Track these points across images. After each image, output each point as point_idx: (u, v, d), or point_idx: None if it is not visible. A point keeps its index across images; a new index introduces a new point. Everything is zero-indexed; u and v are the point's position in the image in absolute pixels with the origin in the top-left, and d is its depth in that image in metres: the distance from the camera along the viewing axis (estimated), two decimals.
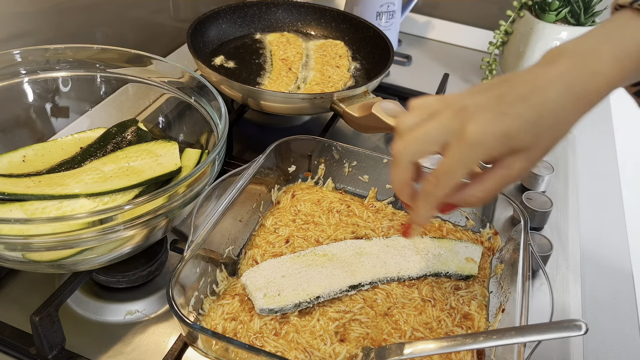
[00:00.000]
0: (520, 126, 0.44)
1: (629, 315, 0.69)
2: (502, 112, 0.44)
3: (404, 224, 0.52)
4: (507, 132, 0.44)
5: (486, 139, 0.44)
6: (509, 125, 0.44)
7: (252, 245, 0.64)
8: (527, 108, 0.44)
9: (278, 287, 0.56)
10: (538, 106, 0.44)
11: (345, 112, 0.80)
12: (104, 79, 0.73)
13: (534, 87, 0.45)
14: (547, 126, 0.45)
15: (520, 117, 0.44)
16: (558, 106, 0.45)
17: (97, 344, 0.58)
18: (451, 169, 0.46)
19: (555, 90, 0.45)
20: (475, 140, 0.44)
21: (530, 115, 0.44)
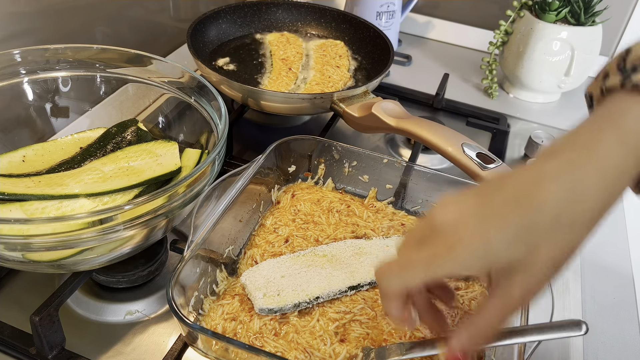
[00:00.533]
0: (509, 235, 0.36)
1: (629, 315, 0.69)
2: (486, 218, 0.37)
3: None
4: (490, 242, 0.36)
5: (463, 248, 0.37)
6: (494, 235, 0.37)
7: (252, 245, 0.64)
8: (517, 212, 0.37)
9: (277, 287, 0.56)
10: (531, 209, 0.36)
11: (345, 112, 0.80)
12: (103, 79, 0.73)
13: (527, 187, 0.37)
14: (544, 232, 0.36)
15: (508, 223, 0.37)
16: (557, 207, 0.36)
17: (97, 344, 0.58)
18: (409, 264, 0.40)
19: (554, 188, 0.37)
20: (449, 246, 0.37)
21: (521, 221, 0.36)
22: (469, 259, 0.37)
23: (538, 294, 0.39)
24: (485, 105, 1.08)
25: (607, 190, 0.37)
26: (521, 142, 0.98)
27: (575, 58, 1.02)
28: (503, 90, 1.16)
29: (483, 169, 0.68)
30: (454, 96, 1.08)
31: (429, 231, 0.39)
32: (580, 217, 0.37)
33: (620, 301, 0.70)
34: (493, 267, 0.38)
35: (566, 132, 0.39)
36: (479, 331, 0.40)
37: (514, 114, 1.07)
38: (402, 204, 0.72)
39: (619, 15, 1.17)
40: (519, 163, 0.93)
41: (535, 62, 1.05)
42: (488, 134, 0.98)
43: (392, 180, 0.72)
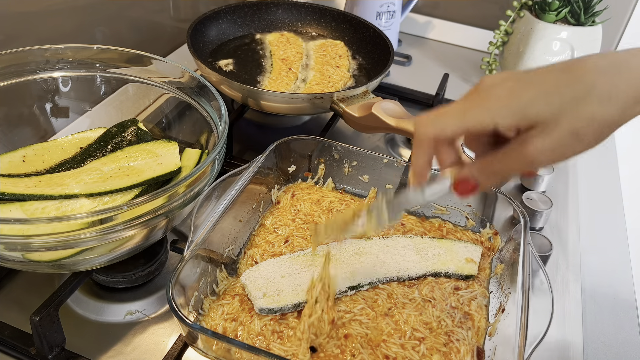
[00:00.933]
0: (539, 93, 0.39)
1: (629, 315, 0.69)
2: (522, 79, 0.40)
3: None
4: (518, 95, 0.39)
5: (494, 99, 0.40)
6: (521, 89, 0.39)
7: (252, 245, 0.64)
8: (553, 76, 0.39)
9: (277, 287, 0.56)
10: (568, 74, 0.39)
11: (345, 112, 0.80)
12: (104, 79, 0.74)
13: (571, 60, 0.40)
14: (574, 97, 0.38)
15: (541, 83, 0.39)
16: (595, 77, 0.38)
17: (97, 344, 0.58)
18: (445, 113, 0.43)
19: (598, 61, 0.38)
20: (483, 98, 0.40)
21: (555, 82, 0.39)
22: (499, 110, 0.40)
23: (550, 160, 0.40)
24: None
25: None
26: None
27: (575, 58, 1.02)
28: None
29: None
30: (454, 96, 1.08)
31: (473, 90, 0.43)
32: (616, 92, 0.38)
33: (620, 301, 0.70)
34: (520, 122, 0.39)
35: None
36: (489, 167, 0.43)
37: None
38: None
39: (619, 15, 1.17)
40: None
41: (535, 62, 1.05)
42: None
43: (392, 180, 0.72)
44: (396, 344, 0.53)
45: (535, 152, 0.40)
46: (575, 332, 0.65)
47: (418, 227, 0.68)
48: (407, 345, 0.53)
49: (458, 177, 0.45)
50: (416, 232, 0.67)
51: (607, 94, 0.38)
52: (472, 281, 0.62)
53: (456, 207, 0.70)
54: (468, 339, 0.55)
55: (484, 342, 0.56)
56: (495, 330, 0.56)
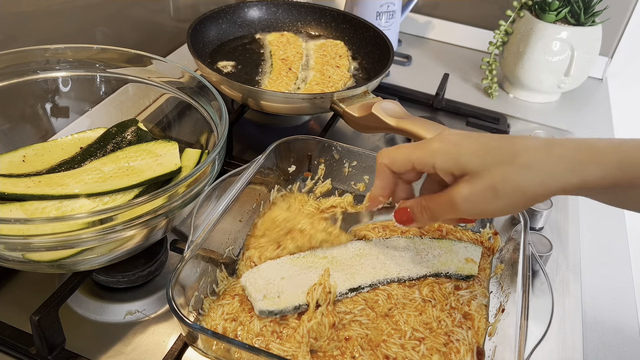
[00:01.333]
0: (475, 147, 0.46)
1: (629, 315, 0.69)
2: (468, 135, 0.48)
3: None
4: (458, 144, 0.47)
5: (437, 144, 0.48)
6: (464, 141, 0.47)
7: (249, 247, 0.64)
8: (493, 139, 0.46)
9: (278, 289, 0.56)
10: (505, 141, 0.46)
11: (345, 112, 0.80)
12: (104, 79, 0.74)
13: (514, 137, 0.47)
14: (501, 159, 0.45)
15: (481, 142, 0.47)
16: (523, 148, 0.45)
17: (97, 344, 0.58)
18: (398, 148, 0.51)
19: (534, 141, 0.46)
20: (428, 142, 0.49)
21: (491, 143, 0.46)
22: (439, 154, 0.48)
23: (472, 208, 0.47)
24: (485, 105, 1.08)
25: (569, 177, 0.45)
26: None
27: (575, 58, 1.03)
28: (503, 90, 1.16)
29: None
30: (453, 96, 1.08)
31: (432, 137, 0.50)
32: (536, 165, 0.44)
33: (620, 301, 0.70)
34: (453, 168, 0.47)
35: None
36: (423, 203, 0.52)
37: (514, 114, 1.07)
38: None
39: (619, 15, 1.17)
40: None
41: (535, 62, 1.05)
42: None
43: None
44: (396, 344, 0.53)
45: (459, 198, 0.46)
46: (575, 332, 0.64)
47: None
48: (407, 345, 0.53)
49: (399, 206, 0.54)
50: (414, 232, 0.67)
51: (527, 164, 0.44)
52: (472, 281, 0.62)
53: None
54: (468, 339, 0.55)
55: (483, 342, 0.56)
56: (495, 330, 0.56)
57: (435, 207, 0.50)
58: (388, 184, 0.53)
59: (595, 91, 1.21)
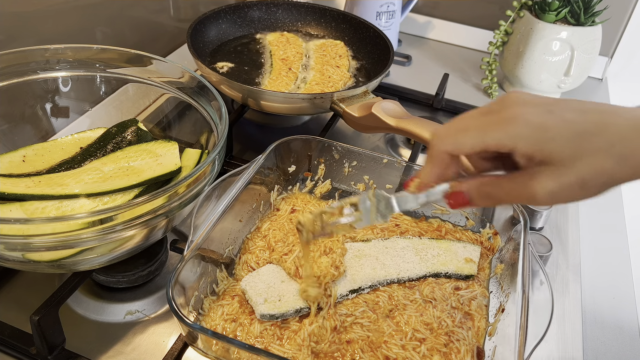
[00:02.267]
0: (564, 132, 0.39)
1: (629, 315, 0.69)
2: (553, 111, 0.39)
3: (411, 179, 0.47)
4: (545, 126, 0.39)
5: (520, 122, 0.39)
6: (550, 122, 0.39)
7: (246, 250, 0.64)
8: (583, 119, 0.39)
9: (278, 292, 0.56)
10: (596, 124, 0.39)
11: (345, 112, 0.80)
12: (104, 79, 0.73)
13: (603, 108, 0.40)
14: (594, 148, 0.38)
15: (569, 123, 0.39)
16: (619, 135, 0.38)
17: (97, 344, 0.58)
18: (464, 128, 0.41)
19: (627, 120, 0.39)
20: (508, 117, 0.39)
21: (579, 126, 0.39)
22: (520, 136, 0.39)
23: (550, 200, 0.40)
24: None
25: None
26: None
27: (575, 58, 1.03)
28: (503, 90, 1.16)
29: None
30: (453, 96, 1.08)
31: (498, 104, 0.42)
32: (632, 155, 0.38)
33: (620, 301, 0.70)
34: (537, 153, 0.39)
35: None
36: (487, 188, 0.43)
37: None
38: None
39: (618, 15, 1.17)
40: None
41: (535, 62, 1.05)
42: None
43: (392, 180, 0.72)
44: (397, 344, 0.53)
45: (540, 190, 0.40)
46: (575, 332, 0.64)
47: (414, 227, 0.68)
48: (407, 346, 0.53)
49: (454, 189, 0.45)
50: (413, 232, 0.67)
51: (624, 155, 0.38)
52: (472, 281, 0.62)
53: None
54: (468, 339, 0.55)
55: (484, 342, 0.56)
56: (495, 330, 0.56)
57: (504, 195, 0.42)
58: (444, 169, 0.44)
59: (595, 91, 1.21)
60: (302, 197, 0.71)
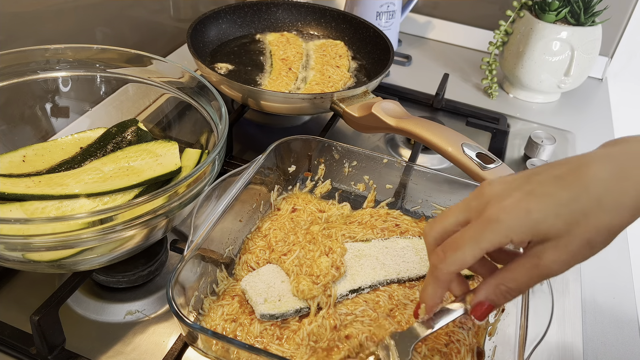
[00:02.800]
0: (549, 208, 0.39)
1: (629, 315, 0.69)
2: (529, 191, 0.40)
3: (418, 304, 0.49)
4: (529, 211, 0.39)
5: (505, 217, 0.39)
6: (533, 204, 0.39)
7: (246, 250, 0.64)
8: (560, 187, 0.39)
9: (278, 292, 0.56)
10: (574, 186, 0.39)
11: (345, 112, 0.80)
12: (104, 79, 0.74)
13: (573, 166, 0.40)
14: (584, 210, 0.38)
15: (550, 197, 0.39)
16: (601, 187, 0.38)
17: (97, 344, 0.58)
18: (460, 244, 0.42)
19: (601, 168, 0.39)
20: (493, 218, 0.40)
21: (563, 196, 0.39)
22: (510, 228, 0.40)
23: (564, 268, 0.40)
24: (485, 105, 1.08)
25: None
26: (521, 142, 0.98)
27: (575, 58, 1.03)
28: (503, 90, 1.16)
29: (483, 169, 0.68)
30: (453, 96, 1.08)
31: (477, 202, 0.42)
32: (623, 200, 0.38)
33: (620, 301, 0.70)
34: (533, 237, 0.40)
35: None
36: (502, 285, 0.43)
37: (514, 114, 1.07)
38: (402, 204, 0.72)
39: (619, 15, 1.17)
40: (518, 163, 0.93)
41: (535, 62, 1.05)
42: (488, 134, 0.98)
43: (392, 180, 0.72)
44: None
45: (553, 265, 0.40)
46: (575, 332, 0.64)
47: (414, 227, 0.68)
48: None
49: (474, 303, 0.45)
50: (413, 232, 0.67)
51: (614, 204, 0.38)
52: (472, 281, 0.62)
53: None
54: (468, 339, 0.55)
55: (484, 342, 0.56)
56: (495, 330, 0.56)
57: (519, 283, 0.42)
58: (447, 288, 0.46)
59: (595, 91, 1.21)
60: (303, 196, 0.71)
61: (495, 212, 0.40)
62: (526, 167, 0.85)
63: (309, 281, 0.56)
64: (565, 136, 1.02)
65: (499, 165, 0.69)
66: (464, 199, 0.44)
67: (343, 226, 0.66)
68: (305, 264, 0.58)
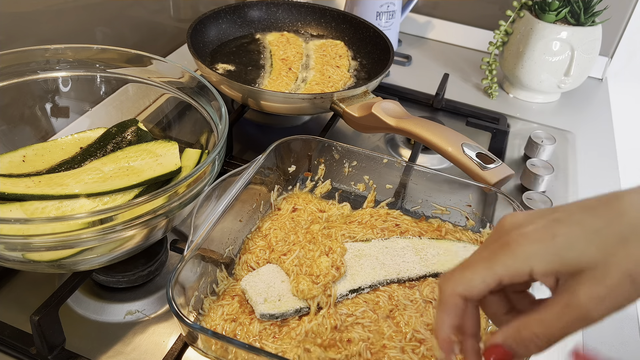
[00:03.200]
0: (579, 233, 0.34)
1: (629, 315, 0.69)
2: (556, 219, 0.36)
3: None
4: (555, 235, 0.35)
5: (525, 242, 0.35)
6: (559, 229, 0.35)
7: (246, 250, 0.64)
8: (591, 215, 0.35)
9: (278, 292, 0.56)
10: (607, 213, 0.35)
11: (345, 112, 0.80)
12: (104, 79, 0.74)
13: (605, 198, 0.36)
14: (621, 235, 0.34)
15: (580, 224, 0.35)
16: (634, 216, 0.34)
17: (97, 344, 0.58)
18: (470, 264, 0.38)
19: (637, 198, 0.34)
20: (511, 241, 0.36)
21: (595, 223, 0.34)
22: (534, 254, 0.35)
23: (607, 310, 0.34)
24: (485, 105, 1.08)
25: None
26: (521, 142, 0.98)
27: (575, 58, 1.03)
28: (503, 90, 1.16)
29: (483, 169, 0.68)
30: (453, 96, 1.08)
31: (496, 232, 0.38)
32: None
33: None
34: (560, 267, 0.35)
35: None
36: (528, 330, 0.36)
37: (514, 114, 1.07)
38: (402, 204, 0.72)
39: (619, 15, 1.17)
40: (518, 163, 0.93)
41: (535, 62, 1.05)
42: (488, 134, 0.98)
43: (392, 180, 0.72)
44: (396, 347, 0.53)
45: (589, 302, 0.34)
46: None
47: (414, 227, 0.68)
48: (406, 347, 0.53)
49: (487, 344, 0.38)
50: (413, 232, 0.67)
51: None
52: None
53: (456, 207, 0.70)
54: None
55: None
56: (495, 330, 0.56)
57: (549, 328, 0.35)
58: (459, 317, 0.39)
59: (595, 91, 1.21)
60: (304, 196, 0.71)
61: (514, 237, 0.36)
62: (526, 167, 0.85)
63: (309, 281, 0.56)
64: (565, 136, 1.02)
65: (499, 165, 0.69)
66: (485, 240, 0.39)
67: (343, 226, 0.66)
68: (305, 263, 0.58)
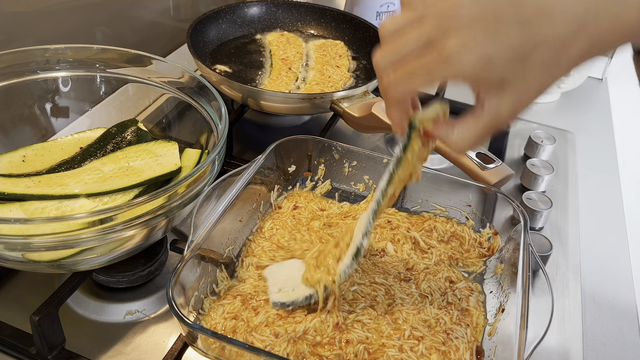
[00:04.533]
0: (508, 55, 0.38)
1: (629, 315, 0.69)
2: (495, 30, 0.38)
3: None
4: (489, 56, 0.38)
5: (463, 56, 0.38)
6: (494, 49, 0.38)
7: (248, 252, 0.64)
8: (523, 34, 0.38)
9: (294, 284, 0.57)
10: (536, 35, 0.37)
11: (345, 112, 0.80)
12: (104, 79, 0.74)
13: (540, 10, 0.38)
14: (540, 62, 0.38)
15: (511, 42, 0.38)
16: (560, 39, 0.37)
17: (97, 344, 0.58)
18: (412, 71, 0.41)
19: (563, 18, 0.37)
20: (450, 54, 0.39)
21: (523, 44, 0.38)
22: (466, 68, 0.39)
23: (519, 112, 0.43)
24: None
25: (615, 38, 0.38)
26: (521, 142, 0.98)
27: None
28: None
29: (483, 169, 0.68)
30: (453, 96, 1.08)
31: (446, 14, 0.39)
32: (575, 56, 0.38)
33: (620, 301, 0.70)
34: (487, 78, 0.40)
35: None
36: (469, 129, 0.46)
37: None
38: (402, 203, 0.72)
39: None
40: (518, 163, 0.93)
41: None
42: None
43: None
44: (395, 345, 0.53)
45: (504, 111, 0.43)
46: (575, 332, 0.65)
47: (405, 223, 0.68)
48: (405, 346, 0.53)
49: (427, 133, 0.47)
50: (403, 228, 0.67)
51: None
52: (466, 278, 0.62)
53: (456, 207, 0.70)
54: (467, 337, 0.55)
55: (482, 339, 0.56)
56: (495, 330, 0.56)
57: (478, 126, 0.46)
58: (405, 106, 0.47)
59: (595, 91, 1.21)
60: (305, 194, 0.72)
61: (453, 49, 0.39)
62: (526, 167, 0.86)
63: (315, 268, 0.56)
64: (565, 136, 1.02)
65: (498, 165, 0.69)
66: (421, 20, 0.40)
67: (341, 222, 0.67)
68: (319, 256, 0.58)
